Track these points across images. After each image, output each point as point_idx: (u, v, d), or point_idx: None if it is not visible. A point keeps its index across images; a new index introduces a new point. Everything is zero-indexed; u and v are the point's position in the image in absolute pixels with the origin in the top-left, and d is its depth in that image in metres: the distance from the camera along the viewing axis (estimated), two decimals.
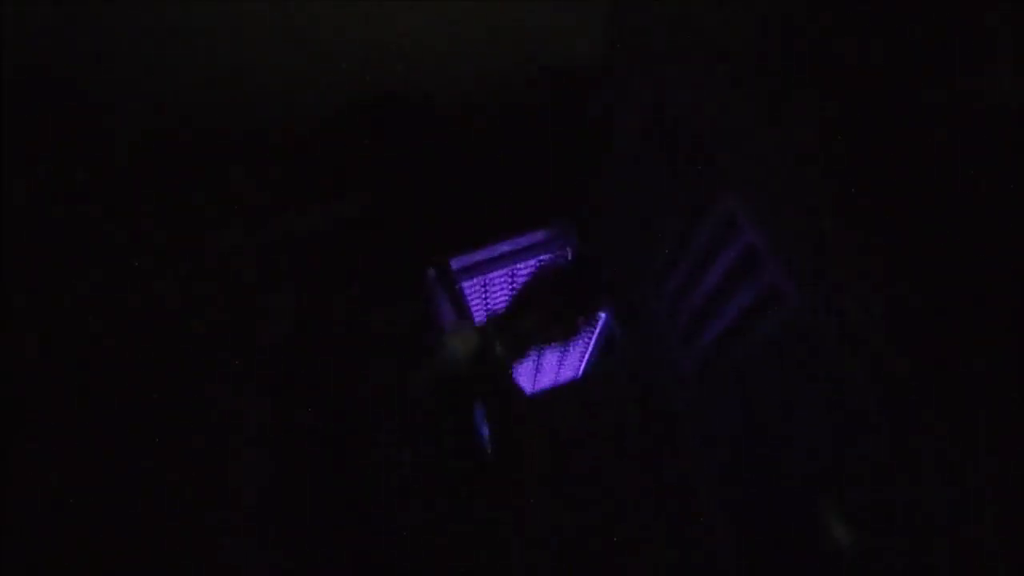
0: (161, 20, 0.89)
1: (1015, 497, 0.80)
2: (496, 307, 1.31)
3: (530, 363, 1.47)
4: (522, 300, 0.95)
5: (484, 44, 1.11)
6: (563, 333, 0.96)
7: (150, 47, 0.93)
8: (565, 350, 1.45)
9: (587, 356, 1.50)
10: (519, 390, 1.02)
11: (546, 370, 1.53)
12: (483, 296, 1.32)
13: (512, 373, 0.98)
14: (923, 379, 0.83)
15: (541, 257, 1.22)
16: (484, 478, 0.84)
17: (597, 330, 1.39)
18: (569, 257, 1.23)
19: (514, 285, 1.31)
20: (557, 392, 1.15)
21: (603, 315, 1.35)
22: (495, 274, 1.24)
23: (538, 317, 0.92)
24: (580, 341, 1.45)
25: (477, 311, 1.33)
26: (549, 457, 1.00)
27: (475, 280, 1.24)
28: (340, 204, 1.22)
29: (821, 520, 0.94)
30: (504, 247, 1.20)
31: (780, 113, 1.13)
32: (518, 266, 1.25)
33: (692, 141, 0.93)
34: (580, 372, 1.58)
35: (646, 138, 1.04)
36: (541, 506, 0.61)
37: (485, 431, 0.91)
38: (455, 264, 1.21)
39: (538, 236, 1.22)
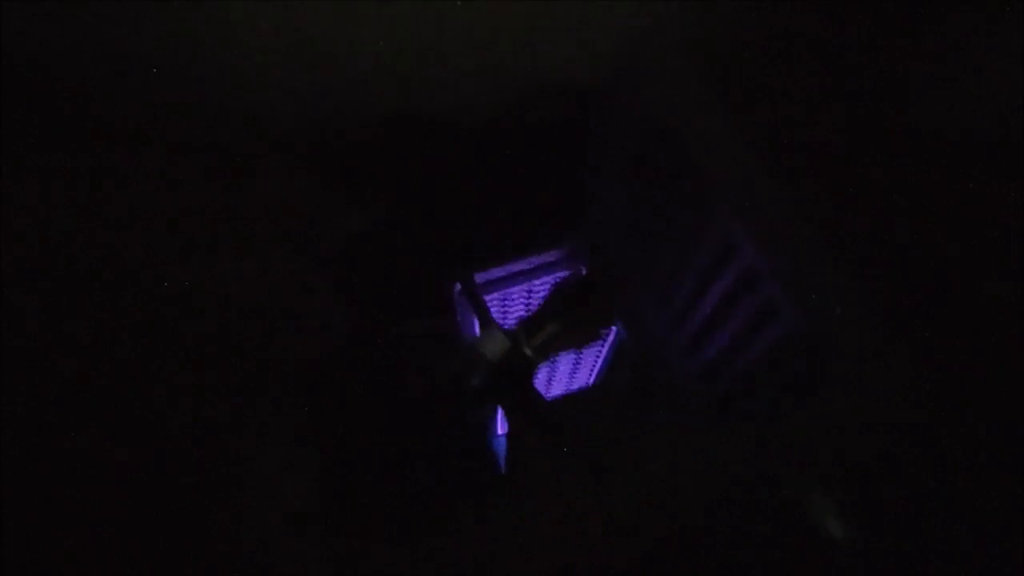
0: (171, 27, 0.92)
1: (1016, 498, 0.82)
2: (516, 320, 1.40)
3: (545, 375, 1.55)
4: (545, 310, 1.06)
5: (501, 61, 1.15)
6: (582, 339, 1.08)
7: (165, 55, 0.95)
8: (579, 359, 1.53)
9: (597, 367, 1.57)
10: (539, 393, 1.10)
11: (559, 380, 1.61)
12: (502, 311, 1.40)
13: (536, 374, 1.07)
14: (924, 387, 0.85)
15: (557, 274, 1.30)
16: (499, 487, 0.92)
17: (608, 343, 1.46)
18: (583, 273, 1.32)
19: (531, 300, 1.39)
20: (569, 399, 1.23)
21: (614, 329, 1.42)
22: (513, 290, 1.32)
23: (559, 324, 1.04)
24: (592, 353, 1.52)
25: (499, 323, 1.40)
26: (565, 456, 1.05)
27: (494, 296, 1.33)
28: (359, 219, 1.28)
29: (823, 523, 0.98)
30: (520, 265, 1.28)
31: (778, 136, 1.17)
32: (534, 283, 1.33)
33: (692, 162, 0.98)
34: (590, 382, 1.66)
35: (649, 159, 1.10)
36: (555, 508, 0.68)
37: (501, 447, 0.99)
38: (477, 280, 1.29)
39: (552, 255, 1.29)
